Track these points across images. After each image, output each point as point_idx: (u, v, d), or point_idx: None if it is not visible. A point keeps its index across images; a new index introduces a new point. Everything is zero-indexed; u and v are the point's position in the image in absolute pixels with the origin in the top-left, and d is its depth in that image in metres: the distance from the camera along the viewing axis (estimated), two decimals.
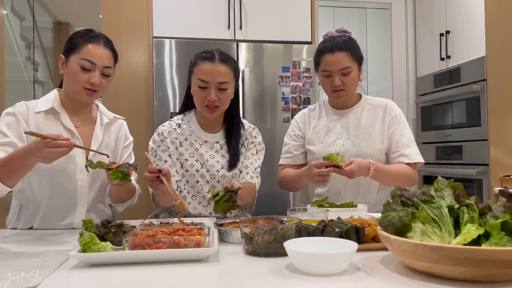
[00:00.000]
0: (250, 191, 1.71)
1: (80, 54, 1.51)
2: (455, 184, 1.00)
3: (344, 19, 4.64)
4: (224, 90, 1.66)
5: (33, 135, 1.26)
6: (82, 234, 1.06)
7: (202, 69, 1.65)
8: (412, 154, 1.79)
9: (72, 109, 1.61)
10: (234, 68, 1.71)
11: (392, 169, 1.77)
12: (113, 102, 2.94)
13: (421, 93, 3.71)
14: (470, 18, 3.10)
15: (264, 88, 2.99)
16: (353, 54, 1.78)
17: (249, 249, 1.10)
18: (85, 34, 1.56)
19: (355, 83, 1.81)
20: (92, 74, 1.52)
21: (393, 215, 0.94)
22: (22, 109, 1.54)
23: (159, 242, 1.04)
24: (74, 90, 1.54)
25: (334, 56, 1.75)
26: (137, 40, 3.03)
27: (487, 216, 0.93)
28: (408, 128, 1.86)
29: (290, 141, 1.95)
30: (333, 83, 1.77)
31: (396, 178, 1.75)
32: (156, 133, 1.79)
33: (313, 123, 1.93)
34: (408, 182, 1.77)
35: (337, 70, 1.76)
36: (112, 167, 1.35)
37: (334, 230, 1.10)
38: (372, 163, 1.67)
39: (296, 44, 3.05)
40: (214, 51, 1.70)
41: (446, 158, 3.35)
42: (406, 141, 1.81)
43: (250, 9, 3.05)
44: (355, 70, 1.79)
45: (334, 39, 1.80)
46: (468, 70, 3.10)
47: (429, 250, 0.82)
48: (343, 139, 1.84)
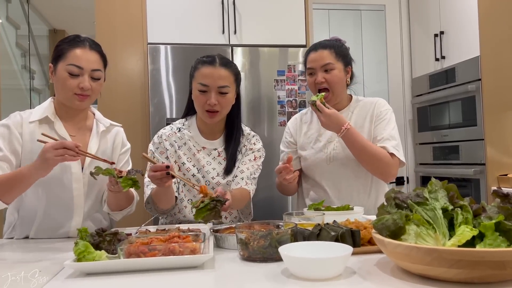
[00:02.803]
0: (242, 198, 1.67)
1: (67, 60, 1.51)
2: (449, 186, 1.00)
3: (339, 21, 4.65)
4: (225, 94, 1.66)
5: (46, 136, 1.34)
6: (77, 243, 1.06)
7: (203, 73, 1.66)
8: (388, 146, 1.72)
9: (67, 117, 1.60)
10: (235, 73, 1.71)
11: (366, 142, 1.70)
12: (109, 109, 2.94)
13: (417, 94, 3.71)
14: (464, 19, 3.11)
15: (260, 92, 3.00)
16: (337, 53, 1.79)
17: (245, 254, 1.10)
18: (71, 40, 1.55)
19: (339, 82, 1.79)
20: (81, 79, 1.51)
21: (387, 218, 0.94)
22: (16, 119, 1.54)
23: (154, 250, 1.04)
24: (66, 97, 1.54)
25: (317, 53, 1.79)
26: (132, 46, 3.03)
27: (481, 217, 0.93)
28: (392, 124, 1.79)
29: (284, 148, 1.96)
30: (316, 80, 1.78)
31: (367, 153, 1.68)
32: (156, 135, 1.79)
33: (305, 128, 1.92)
34: (381, 166, 1.70)
35: (319, 66, 1.77)
36: (121, 175, 1.35)
37: (330, 234, 1.10)
38: (349, 124, 1.66)
39: (291, 48, 3.06)
40: (215, 55, 1.70)
41: (443, 158, 3.35)
42: (386, 135, 1.75)
43: (244, 13, 3.06)
44: (339, 68, 1.78)
45: (321, 41, 1.84)
46: (463, 70, 3.11)
47: (423, 253, 0.82)
48: (334, 142, 1.82)
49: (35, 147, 1.46)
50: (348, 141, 1.69)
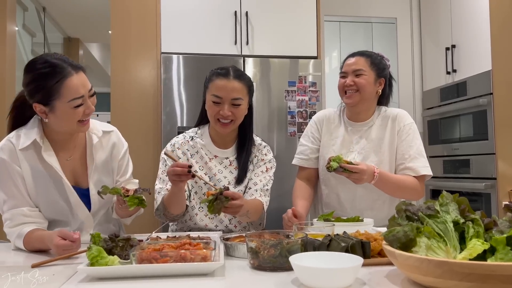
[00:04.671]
0: (256, 209, 1.69)
1: (64, 97, 1.38)
2: (460, 199, 1.00)
3: (350, 33, 4.68)
4: (238, 105, 1.68)
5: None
6: (90, 248, 1.07)
7: (217, 85, 1.68)
8: (418, 166, 1.76)
9: (57, 138, 1.51)
10: (248, 85, 1.73)
11: (397, 179, 1.75)
12: (122, 117, 2.99)
13: (428, 107, 3.71)
14: (475, 32, 3.11)
15: (271, 102, 3.02)
16: (372, 62, 1.82)
17: (255, 263, 1.10)
18: (52, 73, 1.38)
19: (368, 86, 1.80)
20: (83, 105, 1.43)
21: (398, 230, 0.95)
22: (10, 149, 1.46)
23: (166, 256, 1.05)
24: (70, 128, 1.46)
25: (353, 59, 1.83)
26: (146, 55, 3.08)
27: (492, 231, 0.92)
28: (417, 140, 1.82)
29: (307, 142, 1.94)
30: (345, 82, 1.81)
31: (400, 188, 1.74)
32: (169, 143, 1.82)
33: (332, 128, 1.92)
34: (412, 194, 1.76)
35: (352, 70, 1.80)
36: (128, 194, 1.36)
37: (340, 245, 1.10)
38: (376, 168, 1.67)
39: (302, 59, 3.08)
40: (229, 67, 1.72)
41: (454, 172, 3.33)
42: (414, 153, 1.78)
43: (257, 24, 3.09)
44: (370, 76, 1.80)
45: (361, 50, 1.89)
46: (474, 84, 3.10)
47: (434, 265, 0.82)
48: (355, 153, 1.83)
49: (34, 173, 1.47)
50: (381, 184, 1.70)
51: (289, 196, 1.94)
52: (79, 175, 1.56)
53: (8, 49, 3.36)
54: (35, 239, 1.39)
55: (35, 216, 1.48)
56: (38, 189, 1.48)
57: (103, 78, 7.34)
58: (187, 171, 1.44)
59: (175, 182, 1.48)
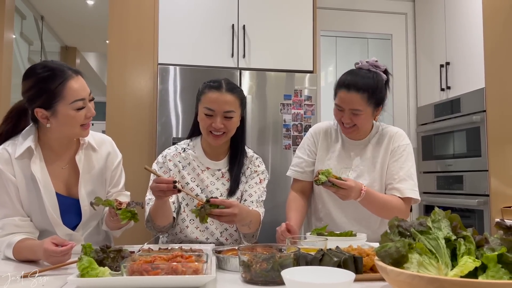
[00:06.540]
0: (255, 220, 1.69)
1: (67, 99, 1.40)
2: (452, 216, 1.01)
3: (346, 48, 4.73)
4: (230, 118, 1.69)
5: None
6: (81, 258, 1.06)
7: (209, 98, 1.68)
8: (405, 188, 1.74)
9: (55, 146, 1.52)
10: (241, 97, 1.74)
11: (382, 198, 1.73)
12: (117, 126, 2.98)
13: (422, 123, 3.74)
14: (469, 50, 3.15)
15: (266, 115, 3.03)
16: (370, 97, 1.71)
17: (247, 277, 1.10)
18: (53, 76, 1.40)
19: (367, 123, 1.79)
20: (84, 109, 1.45)
21: (390, 246, 0.95)
22: (5, 158, 1.46)
23: (157, 269, 1.04)
24: (72, 132, 1.48)
25: (349, 95, 1.71)
26: (143, 66, 3.09)
27: (484, 248, 0.93)
28: (410, 162, 1.79)
29: (303, 155, 1.92)
30: (342, 118, 1.76)
31: (385, 208, 1.71)
32: (161, 155, 1.81)
33: (328, 143, 1.91)
34: (396, 216, 1.74)
35: (348, 108, 1.73)
36: (121, 207, 1.36)
37: (332, 260, 1.10)
38: (364, 186, 1.66)
39: (298, 73, 3.11)
40: (222, 80, 1.72)
41: (447, 188, 3.35)
42: (403, 174, 1.76)
43: (254, 38, 3.12)
44: (367, 113, 1.74)
45: (357, 74, 1.75)
46: (468, 101, 3.14)
47: (425, 282, 0.82)
48: (350, 170, 1.83)
49: (28, 182, 1.46)
50: (367, 202, 1.68)
51: (282, 209, 1.94)
52: (73, 184, 1.55)
53: (5, 57, 3.37)
54: (25, 249, 1.38)
55: (26, 226, 1.47)
56: (30, 198, 1.48)
57: (99, 88, 7.35)
58: (172, 186, 1.42)
59: (160, 197, 1.48)
